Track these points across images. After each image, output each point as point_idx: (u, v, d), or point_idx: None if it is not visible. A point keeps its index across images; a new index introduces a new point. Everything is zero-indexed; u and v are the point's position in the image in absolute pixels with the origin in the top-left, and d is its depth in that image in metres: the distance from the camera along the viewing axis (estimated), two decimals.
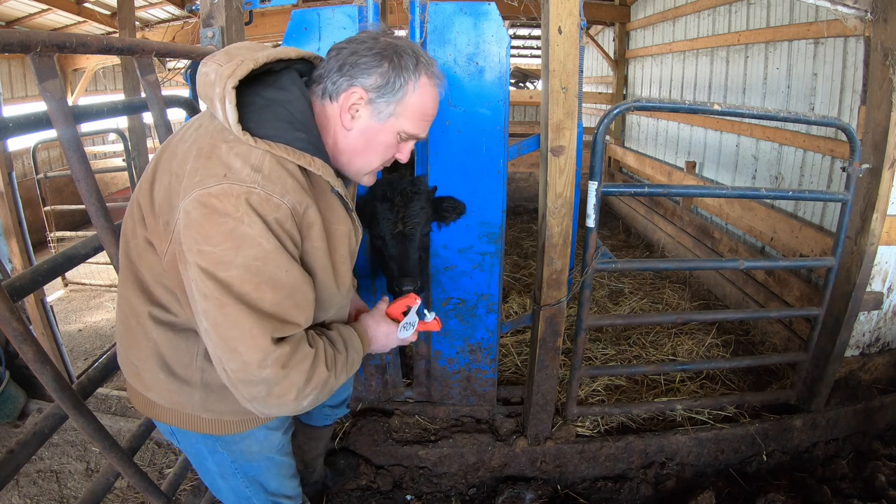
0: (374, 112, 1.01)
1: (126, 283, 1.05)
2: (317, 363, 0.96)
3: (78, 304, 4.07)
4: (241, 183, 0.86)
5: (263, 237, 0.87)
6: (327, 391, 0.99)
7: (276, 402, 0.92)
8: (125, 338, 1.09)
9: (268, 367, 0.88)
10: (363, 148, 1.04)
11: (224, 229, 0.85)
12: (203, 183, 0.86)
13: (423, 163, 1.81)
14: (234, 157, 0.89)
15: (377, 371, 2.18)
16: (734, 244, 3.44)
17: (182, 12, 5.47)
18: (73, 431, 2.34)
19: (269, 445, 1.24)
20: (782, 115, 1.75)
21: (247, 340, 0.87)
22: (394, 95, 1.00)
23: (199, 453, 1.20)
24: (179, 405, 1.09)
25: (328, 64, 1.01)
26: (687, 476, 2.11)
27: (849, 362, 2.36)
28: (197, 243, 0.86)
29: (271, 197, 0.88)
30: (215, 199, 0.85)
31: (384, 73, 0.98)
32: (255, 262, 0.87)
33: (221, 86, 0.89)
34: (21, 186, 2.46)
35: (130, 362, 1.10)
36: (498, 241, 1.90)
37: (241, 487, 1.24)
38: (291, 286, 0.92)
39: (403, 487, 2.07)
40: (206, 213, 0.85)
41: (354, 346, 1.11)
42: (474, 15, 1.64)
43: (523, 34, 9.37)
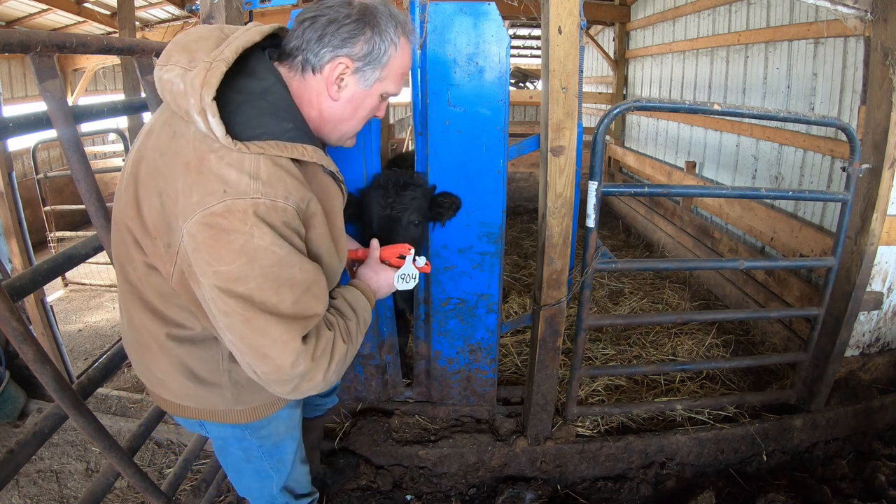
0: (361, 80, 0.99)
1: (133, 306, 1.04)
2: (336, 342, 0.99)
3: (78, 304, 4.07)
4: (244, 196, 0.84)
5: (276, 244, 0.87)
6: (349, 360, 1.04)
7: (307, 386, 0.96)
8: (144, 355, 1.09)
9: (301, 365, 0.92)
10: (350, 115, 1.03)
11: (235, 247, 0.84)
12: (203, 203, 0.84)
13: (423, 162, 1.81)
14: (226, 167, 0.85)
15: (377, 371, 2.18)
16: (734, 244, 3.44)
17: (182, 12, 5.47)
18: (73, 431, 2.34)
19: (292, 423, 1.30)
20: (782, 115, 1.75)
21: (278, 346, 0.89)
22: (379, 62, 0.99)
23: (226, 442, 1.24)
24: (211, 405, 1.13)
25: (304, 34, 0.96)
26: (687, 476, 2.11)
27: (849, 362, 2.36)
28: (210, 265, 0.86)
29: (276, 202, 0.87)
30: (221, 219, 0.84)
31: (368, 39, 0.96)
32: (272, 269, 0.87)
33: (197, 97, 0.84)
34: (21, 186, 2.46)
35: (154, 376, 1.11)
36: (498, 241, 1.90)
37: (266, 468, 1.29)
38: (308, 281, 0.93)
39: (403, 487, 2.07)
40: (214, 234, 0.84)
41: (361, 306, 1.13)
42: (474, 15, 1.63)
43: (523, 34, 9.37)
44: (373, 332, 2.09)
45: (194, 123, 0.87)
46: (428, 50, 1.66)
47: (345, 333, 1.03)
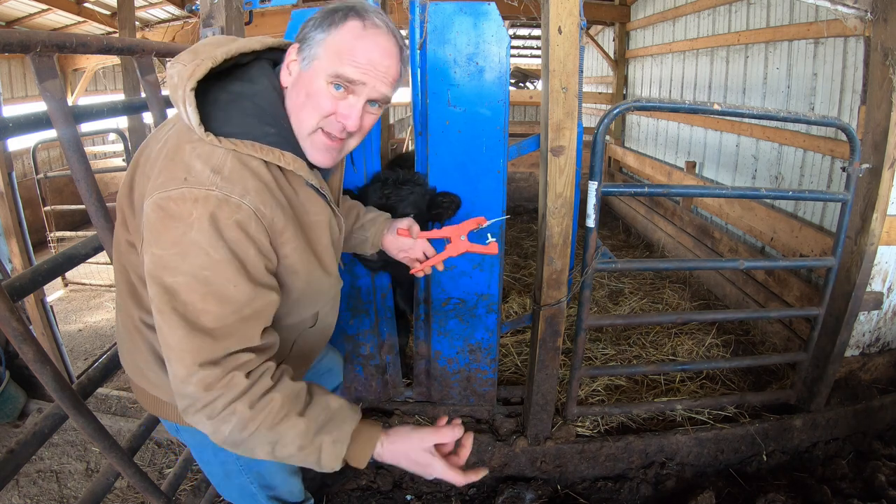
0: (302, 60, 0.94)
1: (121, 288, 1.05)
2: (247, 398, 0.86)
3: (78, 304, 4.07)
4: (200, 186, 0.84)
5: (212, 246, 0.84)
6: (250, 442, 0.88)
7: (196, 419, 0.88)
8: (126, 341, 1.09)
9: (191, 385, 0.85)
10: (302, 103, 0.95)
11: (174, 235, 0.84)
12: (165, 186, 0.85)
13: (423, 162, 1.81)
14: (195, 158, 0.86)
15: (377, 371, 2.18)
16: (734, 244, 3.44)
17: (182, 12, 5.47)
18: (73, 431, 2.34)
19: None
20: (782, 115, 1.75)
21: (176, 352, 0.85)
22: (315, 40, 0.93)
23: (204, 452, 1.20)
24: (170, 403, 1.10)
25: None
26: (687, 476, 2.11)
27: (849, 362, 2.36)
28: (150, 245, 0.86)
29: (230, 198, 0.85)
30: (172, 203, 0.84)
31: (314, 23, 0.94)
32: (203, 271, 0.84)
33: (182, 88, 0.87)
34: (21, 186, 2.46)
35: (135, 363, 1.10)
36: (498, 241, 1.90)
37: (247, 484, 1.23)
38: (240, 304, 0.87)
39: (403, 487, 2.07)
40: (162, 216, 0.84)
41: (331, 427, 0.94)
42: (474, 15, 1.63)
43: (523, 34, 9.37)
44: (373, 332, 2.09)
45: (181, 115, 0.90)
46: (428, 50, 1.66)
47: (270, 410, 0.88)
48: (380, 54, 0.93)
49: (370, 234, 1.41)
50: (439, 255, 1.38)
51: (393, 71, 0.96)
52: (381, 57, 0.93)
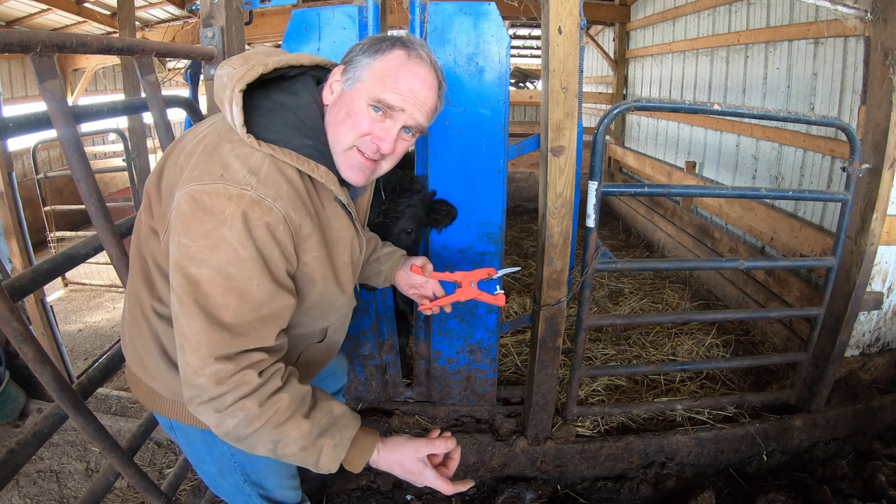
0: (345, 80, 1.00)
1: (135, 274, 1.05)
2: (257, 396, 0.88)
3: (78, 304, 4.07)
4: (236, 184, 0.86)
5: (241, 244, 0.86)
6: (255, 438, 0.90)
7: (201, 409, 0.89)
8: (131, 328, 1.09)
9: (203, 377, 0.86)
10: (341, 120, 0.99)
11: (206, 227, 0.85)
12: (200, 179, 0.87)
13: (423, 163, 1.81)
14: (234, 157, 0.89)
15: (377, 371, 2.18)
16: (734, 244, 3.44)
17: (182, 12, 5.47)
18: (73, 431, 2.34)
19: None
20: (782, 115, 1.75)
21: (193, 343, 0.86)
22: (361, 63, 0.98)
23: (198, 450, 1.19)
24: (180, 396, 1.07)
25: None
26: (687, 476, 2.11)
27: (849, 362, 2.36)
28: (179, 234, 0.87)
29: (263, 200, 0.87)
30: (206, 196, 0.86)
31: (361, 48, 1.00)
32: (229, 266, 0.86)
33: (231, 88, 0.91)
34: (21, 186, 2.46)
35: (136, 352, 1.10)
36: (498, 241, 1.90)
37: (241, 483, 1.23)
38: (259, 303, 0.89)
39: (403, 487, 2.07)
40: (195, 208, 0.86)
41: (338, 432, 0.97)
42: (474, 15, 1.64)
43: (523, 34, 9.37)
44: (373, 332, 2.09)
45: (225, 114, 0.94)
46: None
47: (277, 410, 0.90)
48: (420, 84, 0.98)
49: (385, 268, 1.43)
50: (448, 297, 1.41)
51: (431, 102, 1.02)
52: (421, 87, 0.99)
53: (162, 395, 1.11)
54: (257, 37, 4.95)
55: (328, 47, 1.70)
